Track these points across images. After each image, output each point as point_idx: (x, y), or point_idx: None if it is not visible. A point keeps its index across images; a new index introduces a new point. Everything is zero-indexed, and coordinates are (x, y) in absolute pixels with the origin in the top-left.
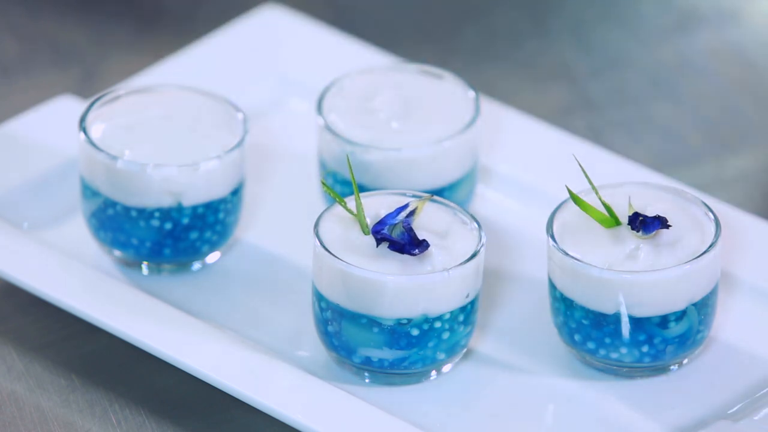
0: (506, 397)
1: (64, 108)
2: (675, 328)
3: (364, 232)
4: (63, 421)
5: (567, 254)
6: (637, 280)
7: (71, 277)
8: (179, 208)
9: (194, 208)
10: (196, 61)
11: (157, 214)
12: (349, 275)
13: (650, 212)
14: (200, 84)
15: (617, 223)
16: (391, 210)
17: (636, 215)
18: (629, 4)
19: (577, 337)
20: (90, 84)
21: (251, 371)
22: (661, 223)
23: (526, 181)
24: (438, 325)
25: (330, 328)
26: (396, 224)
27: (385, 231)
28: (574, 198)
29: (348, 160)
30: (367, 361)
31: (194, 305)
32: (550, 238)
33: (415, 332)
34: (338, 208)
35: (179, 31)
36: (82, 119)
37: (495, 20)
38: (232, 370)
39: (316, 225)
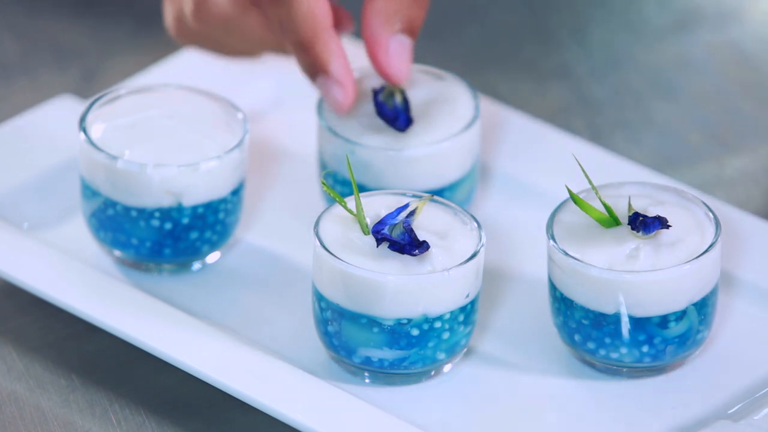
0: (506, 397)
1: (64, 108)
2: (675, 328)
3: (364, 232)
4: (63, 421)
5: (567, 254)
6: (637, 280)
7: (71, 277)
8: (179, 208)
9: (194, 208)
10: (196, 61)
11: (157, 214)
12: (349, 275)
13: (650, 212)
14: (200, 84)
15: (617, 223)
16: (392, 210)
17: (636, 215)
18: (629, 4)
19: (577, 337)
20: (90, 84)
21: (251, 371)
22: (661, 223)
23: (526, 181)
24: (438, 325)
25: (330, 328)
26: (396, 224)
27: (386, 231)
28: (574, 198)
29: (348, 160)
30: (367, 361)
31: (194, 305)
32: (550, 238)
33: (415, 332)
34: (338, 208)
35: None
36: (82, 119)
37: (495, 21)
38: (232, 370)
39: (316, 225)
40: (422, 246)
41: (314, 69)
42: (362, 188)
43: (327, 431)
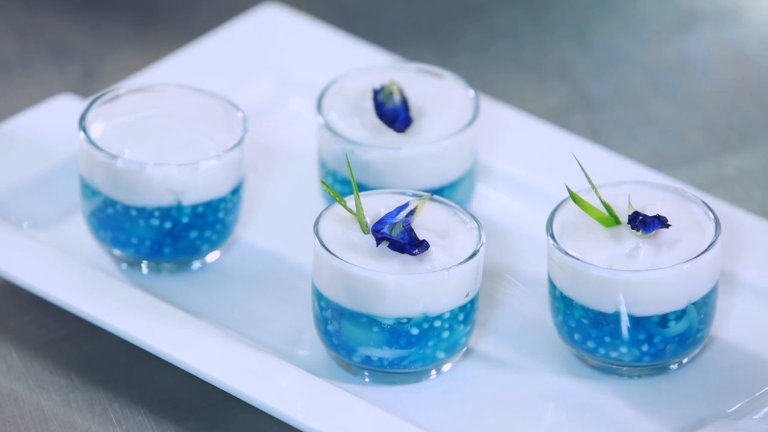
0: (506, 397)
1: (64, 107)
2: (675, 327)
3: (363, 231)
4: (63, 420)
5: (567, 253)
6: (636, 279)
7: (71, 276)
8: (179, 207)
9: (194, 207)
10: (196, 60)
11: (156, 213)
12: (349, 274)
13: (650, 211)
14: (200, 83)
15: (617, 222)
16: (391, 209)
17: (636, 214)
18: (629, 4)
19: (576, 336)
20: (90, 83)
21: (251, 370)
22: (660, 222)
23: (526, 180)
24: (438, 324)
25: (330, 328)
26: (396, 223)
27: (385, 230)
28: (574, 197)
29: (347, 159)
30: (367, 360)
31: (194, 304)
32: (549, 237)
33: (414, 331)
34: (338, 208)
35: (179, 29)
36: (82, 118)
37: (495, 19)
38: (232, 369)
39: (316, 224)
40: (422, 245)
41: None
42: (362, 187)
43: (327, 430)
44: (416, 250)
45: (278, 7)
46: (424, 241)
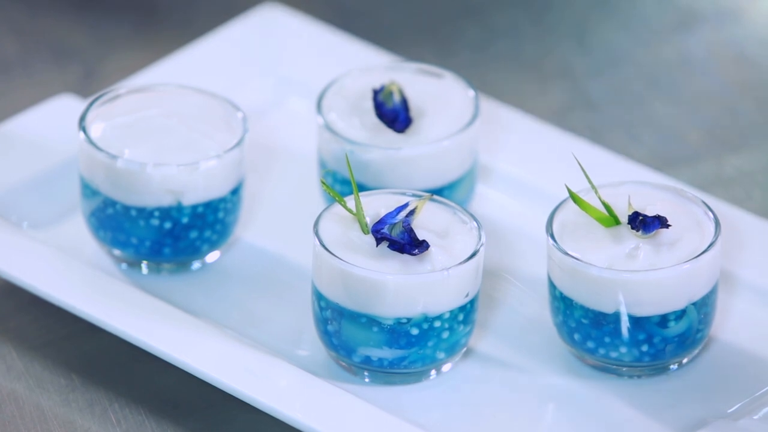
0: (506, 397)
1: (64, 107)
2: (674, 328)
3: (363, 231)
4: (63, 420)
5: (567, 253)
6: (636, 279)
7: (71, 276)
8: (179, 208)
9: (194, 207)
10: (196, 60)
11: (156, 214)
12: (349, 274)
13: (650, 212)
14: (200, 83)
15: (617, 222)
16: (391, 209)
17: (636, 215)
18: (629, 4)
19: (576, 337)
20: (90, 83)
21: (251, 370)
22: (660, 222)
23: (525, 181)
24: (438, 324)
25: (330, 328)
26: (396, 224)
27: (385, 230)
28: (574, 197)
29: (347, 159)
30: (367, 360)
31: (194, 304)
32: (549, 238)
33: (414, 331)
34: (338, 208)
35: (179, 30)
36: (82, 118)
37: (495, 19)
38: (232, 370)
39: (316, 224)
40: (422, 245)
41: None
42: (362, 187)
43: (327, 431)
44: (416, 250)
45: (278, 7)
46: (424, 241)
